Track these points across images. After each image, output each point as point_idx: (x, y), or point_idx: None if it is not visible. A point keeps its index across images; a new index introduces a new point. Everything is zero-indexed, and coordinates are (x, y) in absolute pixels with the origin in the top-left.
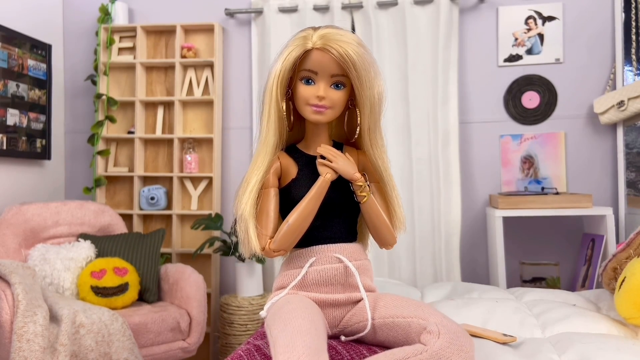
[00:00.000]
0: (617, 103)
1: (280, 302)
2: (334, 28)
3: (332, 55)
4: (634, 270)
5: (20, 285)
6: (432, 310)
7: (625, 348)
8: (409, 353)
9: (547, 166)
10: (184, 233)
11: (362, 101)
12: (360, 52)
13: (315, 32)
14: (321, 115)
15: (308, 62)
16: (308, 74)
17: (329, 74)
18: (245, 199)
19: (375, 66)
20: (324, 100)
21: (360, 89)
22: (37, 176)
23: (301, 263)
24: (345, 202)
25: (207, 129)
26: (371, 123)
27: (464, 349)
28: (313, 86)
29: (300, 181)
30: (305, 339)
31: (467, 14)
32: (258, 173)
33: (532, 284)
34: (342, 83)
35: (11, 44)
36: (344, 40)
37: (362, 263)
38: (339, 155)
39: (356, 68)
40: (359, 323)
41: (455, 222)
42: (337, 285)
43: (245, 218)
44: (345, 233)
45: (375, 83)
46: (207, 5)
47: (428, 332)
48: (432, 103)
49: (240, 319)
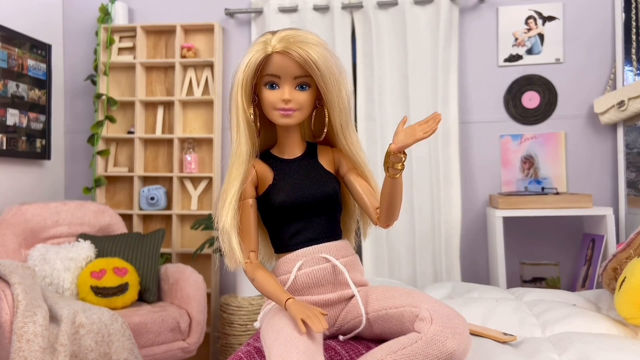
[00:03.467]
0: (617, 103)
1: (272, 312)
2: (293, 30)
3: (294, 58)
4: (634, 270)
5: (20, 285)
6: (423, 296)
7: (625, 348)
8: (404, 343)
9: (547, 166)
10: (183, 233)
11: (330, 100)
12: (320, 52)
13: (274, 36)
14: (289, 119)
15: (270, 66)
16: (271, 79)
17: (291, 76)
18: (225, 211)
19: (339, 64)
20: (290, 103)
21: (327, 89)
22: (37, 176)
23: (289, 268)
24: (324, 199)
25: (207, 129)
26: (342, 121)
27: (457, 330)
28: (278, 90)
29: (277, 186)
30: (299, 345)
31: (467, 14)
32: (235, 184)
33: (532, 284)
34: (306, 84)
35: (11, 44)
36: (304, 42)
37: (350, 259)
38: (398, 133)
39: (319, 68)
40: (354, 319)
41: (455, 222)
42: (327, 285)
43: (227, 231)
44: (329, 232)
45: (341, 81)
46: (207, 5)
47: (421, 319)
48: (432, 103)
49: (240, 319)
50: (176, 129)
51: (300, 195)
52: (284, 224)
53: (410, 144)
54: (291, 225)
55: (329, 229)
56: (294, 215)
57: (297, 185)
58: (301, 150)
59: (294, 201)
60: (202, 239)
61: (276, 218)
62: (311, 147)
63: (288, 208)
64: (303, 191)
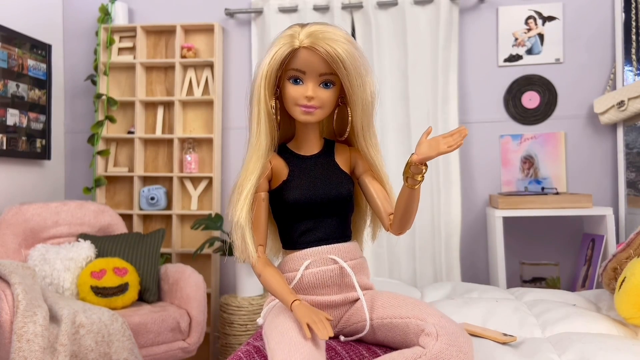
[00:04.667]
0: (617, 103)
1: (276, 309)
2: (323, 25)
3: (320, 55)
4: (634, 270)
5: (20, 285)
6: (429, 309)
7: (625, 348)
8: (408, 357)
9: (547, 166)
10: (184, 233)
11: (354, 100)
12: (349, 50)
13: (303, 30)
14: (310, 116)
15: (296, 61)
16: (296, 74)
17: (317, 73)
18: (241, 205)
19: (366, 63)
20: (313, 101)
21: (351, 88)
22: (37, 176)
23: (296, 266)
24: (337, 200)
25: (207, 129)
26: (364, 122)
27: (462, 350)
28: (301, 86)
29: (291, 183)
30: (303, 351)
31: (467, 14)
32: (252, 178)
33: (532, 284)
34: (331, 82)
35: (11, 44)
36: (333, 39)
37: (358, 262)
38: (421, 144)
39: (346, 67)
40: (357, 323)
41: (455, 222)
42: (333, 286)
43: (241, 225)
44: (339, 232)
45: (367, 81)
46: (207, 5)
47: (426, 334)
48: (432, 103)
49: (240, 319)
50: (176, 129)
51: (314, 194)
52: (295, 221)
53: (433, 156)
54: (302, 223)
55: (339, 229)
56: (306, 213)
57: (311, 183)
58: (319, 147)
59: (307, 200)
60: (202, 239)
61: (287, 214)
62: (329, 145)
63: (301, 206)
64: (317, 190)
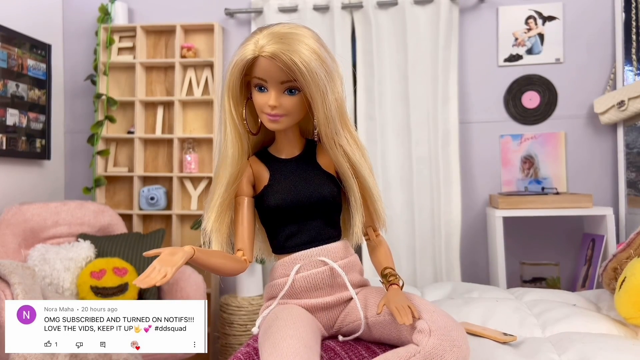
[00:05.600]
0: (618, 103)
1: (270, 318)
2: (284, 29)
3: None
4: (634, 270)
5: (20, 285)
6: (421, 304)
7: (625, 348)
8: (402, 356)
9: (547, 166)
10: (183, 233)
11: (317, 107)
12: (307, 58)
13: (263, 35)
14: (277, 124)
15: (257, 69)
16: (259, 82)
17: (278, 81)
18: (209, 213)
19: (330, 67)
20: (277, 109)
21: (312, 97)
22: (37, 176)
23: (286, 271)
24: (320, 202)
25: (207, 129)
26: (329, 130)
27: (456, 343)
28: (266, 93)
29: (272, 187)
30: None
31: (467, 14)
32: (220, 187)
33: (532, 284)
34: (295, 88)
35: (11, 44)
36: (292, 48)
37: (348, 261)
38: None
39: (304, 76)
40: (353, 322)
41: (455, 222)
42: (325, 288)
43: (207, 233)
44: (326, 234)
45: (330, 89)
46: (207, 5)
47: (419, 330)
48: (432, 103)
49: (240, 319)
50: (176, 129)
51: (295, 197)
52: (279, 226)
53: None
54: (286, 228)
55: (325, 231)
56: (289, 217)
57: (292, 187)
58: (299, 149)
59: (289, 204)
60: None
61: (271, 219)
62: (311, 146)
63: (283, 210)
64: (299, 193)
